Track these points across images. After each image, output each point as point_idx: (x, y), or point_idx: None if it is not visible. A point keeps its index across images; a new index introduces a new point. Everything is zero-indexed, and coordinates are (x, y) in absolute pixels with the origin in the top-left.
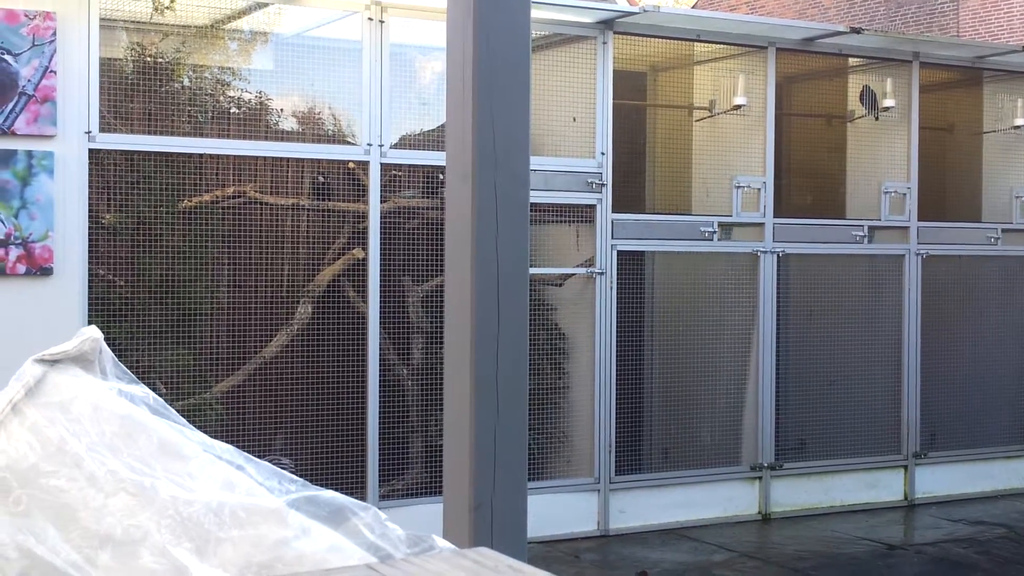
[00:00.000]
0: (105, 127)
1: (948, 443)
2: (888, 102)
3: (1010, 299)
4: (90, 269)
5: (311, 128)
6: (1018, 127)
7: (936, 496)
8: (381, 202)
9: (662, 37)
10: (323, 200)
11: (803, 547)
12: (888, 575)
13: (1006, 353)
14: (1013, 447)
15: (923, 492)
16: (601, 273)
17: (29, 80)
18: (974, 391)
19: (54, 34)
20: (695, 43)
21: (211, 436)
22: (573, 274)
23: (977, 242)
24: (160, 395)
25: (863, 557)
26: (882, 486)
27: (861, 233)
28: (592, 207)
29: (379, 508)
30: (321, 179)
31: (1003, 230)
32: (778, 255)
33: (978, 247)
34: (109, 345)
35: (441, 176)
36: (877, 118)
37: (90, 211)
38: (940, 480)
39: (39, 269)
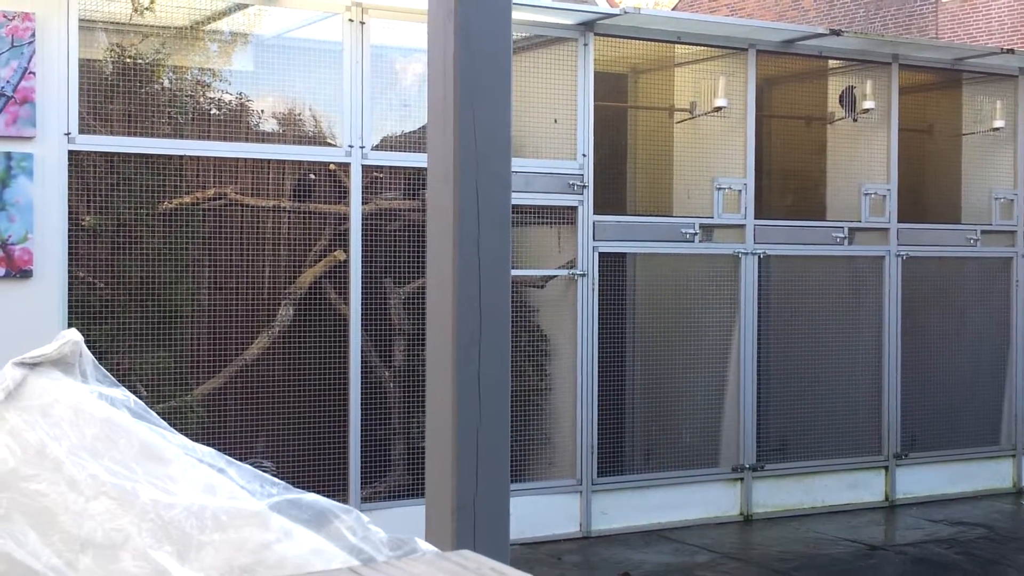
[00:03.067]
0: (85, 128)
1: (929, 444)
2: (868, 104)
3: (989, 300)
4: (70, 271)
5: (292, 130)
6: (997, 129)
7: (917, 497)
8: (363, 204)
9: (643, 39)
10: (304, 202)
11: (785, 548)
12: None
13: (986, 354)
14: (993, 448)
15: (904, 493)
16: (583, 275)
17: (8, 81)
18: (954, 392)
19: (33, 35)
20: (676, 45)
21: (192, 439)
22: (555, 276)
23: (957, 243)
24: (141, 398)
25: (844, 558)
26: (863, 487)
27: (841, 235)
28: (574, 209)
29: (361, 511)
30: (312, 176)
31: (982, 231)
32: (759, 256)
33: (958, 248)
34: (89, 348)
35: (422, 178)
36: (856, 120)
37: (70, 213)
38: (921, 481)
39: (19, 272)
